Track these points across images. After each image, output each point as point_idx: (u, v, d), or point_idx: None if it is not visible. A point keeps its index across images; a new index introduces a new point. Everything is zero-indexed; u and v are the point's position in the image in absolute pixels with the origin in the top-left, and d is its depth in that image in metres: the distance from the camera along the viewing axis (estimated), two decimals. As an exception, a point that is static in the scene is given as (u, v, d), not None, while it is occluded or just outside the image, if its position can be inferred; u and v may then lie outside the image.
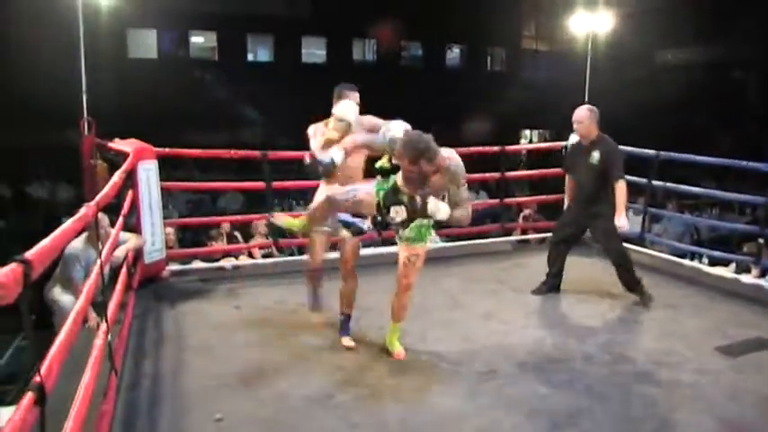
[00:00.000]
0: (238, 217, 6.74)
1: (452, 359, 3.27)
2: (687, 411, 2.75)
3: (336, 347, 3.42)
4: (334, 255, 3.78)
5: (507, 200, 6.05)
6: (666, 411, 2.74)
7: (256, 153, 5.00)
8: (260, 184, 5.02)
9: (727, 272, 4.87)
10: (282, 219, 3.48)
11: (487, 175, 6.11)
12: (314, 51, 20.08)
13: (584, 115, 4.13)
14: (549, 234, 5.90)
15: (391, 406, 2.79)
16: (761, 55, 18.02)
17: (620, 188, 3.98)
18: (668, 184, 5.37)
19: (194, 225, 7.51)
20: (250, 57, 19.52)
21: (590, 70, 6.12)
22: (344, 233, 3.47)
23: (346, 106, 3.33)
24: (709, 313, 4.00)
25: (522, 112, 18.20)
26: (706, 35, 18.39)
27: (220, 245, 5.90)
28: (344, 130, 3.28)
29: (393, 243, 3.50)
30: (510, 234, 5.99)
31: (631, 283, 4.15)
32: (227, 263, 5.06)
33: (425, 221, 3.08)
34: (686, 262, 5.23)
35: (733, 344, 3.50)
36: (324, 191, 3.39)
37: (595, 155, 4.08)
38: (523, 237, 6.08)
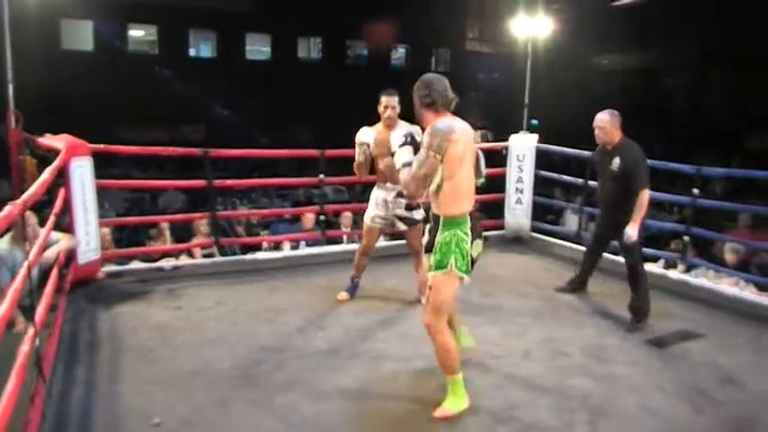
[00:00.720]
0: (179, 216, 6.57)
1: (397, 356, 3.30)
2: (618, 402, 2.88)
3: (280, 348, 3.38)
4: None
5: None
6: (600, 402, 2.86)
7: (197, 151, 4.89)
8: (201, 183, 4.91)
9: (656, 267, 5.09)
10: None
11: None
12: (258, 48, 19.81)
13: (605, 120, 3.96)
14: (492, 232, 6.05)
15: (336, 406, 2.79)
16: (689, 61, 19.02)
17: (640, 197, 3.76)
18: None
19: (132, 224, 7.27)
20: (192, 52, 19.07)
21: (530, 73, 6.28)
22: (401, 225, 3.95)
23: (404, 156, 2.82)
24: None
25: (465, 112, 18.51)
26: (639, 42, 19.23)
27: (160, 245, 5.73)
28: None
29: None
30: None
31: (635, 302, 3.89)
32: (167, 263, 4.92)
33: (447, 235, 2.62)
34: (620, 259, 5.44)
35: (661, 336, 3.68)
36: (375, 188, 3.98)
37: (616, 161, 3.89)
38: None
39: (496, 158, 6.25)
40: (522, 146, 5.76)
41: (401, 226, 3.94)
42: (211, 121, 17.67)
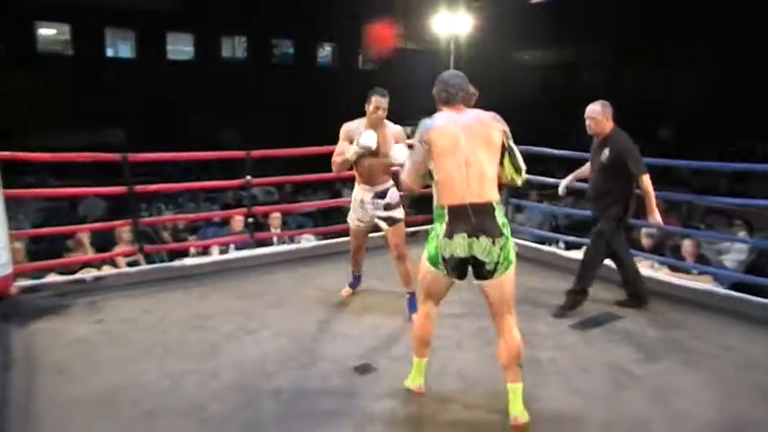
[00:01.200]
0: (99, 224, 6.26)
1: (330, 356, 3.28)
2: (546, 386, 2.98)
3: (210, 356, 3.29)
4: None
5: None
6: (529, 387, 2.93)
7: (115, 156, 4.67)
8: (121, 189, 4.70)
9: (580, 254, 5.30)
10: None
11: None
12: (181, 48, 19.19)
13: (596, 110, 3.89)
14: (423, 227, 6.12)
15: (269, 410, 2.74)
16: (604, 58, 19.96)
17: (646, 182, 3.73)
18: (529, 177, 5.73)
19: (49, 235, 6.86)
20: (110, 52, 18.23)
21: (454, 69, 6.39)
22: (383, 225, 3.85)
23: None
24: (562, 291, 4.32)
25: (393, 108, 18.66)
26: (558, 39, 19.99)
27: (80, 255, 5.44)
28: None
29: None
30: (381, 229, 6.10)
31: (576, 286, 3.97)
32: (88, 274, 4.68)
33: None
34: (545, 248, 5.65)
35: (585, 319, 3.85)
36: (356, 188, 3.90)
37: (606, 152, 3.83)
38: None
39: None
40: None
41: (384, 226, 3.85)
42: (133, 125, 16.98)
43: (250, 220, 5.23)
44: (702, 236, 6.32)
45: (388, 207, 3.83)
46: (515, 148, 2.71)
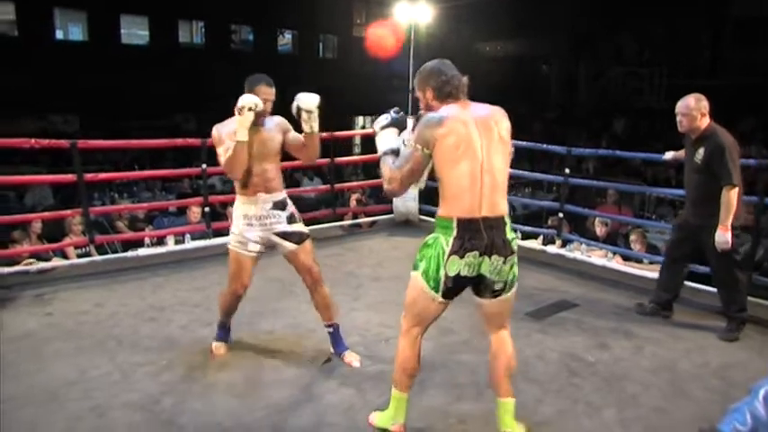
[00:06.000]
0: (47, 214, 6.04)
1: (284, 347, 3.26)
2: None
3: (163, 348, 3.21)
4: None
5: (338, 185, 6.15)
6: (486, 376, 2.97)
7: (64, 142, 4.50)
8: (71, 177, 4.54)
9: (536, 244, 5.40)
10: None
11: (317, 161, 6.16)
12: (135, 32, 18.57)
13: (689, 105, 3.44)
14: (381, 217, 6.13)
15: (223, 403, 2.70)
16: (560, 50, 20.31)
17: (726, 195, 3.29)
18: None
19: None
20: (59, 34, 17.50)
21: (414, 59, 6.38)
22: (287, 245, 3.04)
23: (388, 140, 2.49)
24: (521, 282, 4.36)
25: (353, 98, 18.56)
26: (518, 30, 20.20)
27: (27, 246, 5.23)
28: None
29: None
30: (342, 219, 6.08)
31: (730, 309, 3.59)
32: (33, 266, 4.50)
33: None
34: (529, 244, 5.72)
35: (541, 308, 3.92)
36: (239, 205, 3.03)
37: (701, 151, 3.42)
38: (355, 221, 6.20)
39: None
40: (408, 131, 5.85)
41: (287, 245, 3.03)
42: (85, 111, 16.38)
43: (207, 209, 5.12)
44: (651, 225, 6.52)
45: (291, 219, 3.07)
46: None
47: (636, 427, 2.62)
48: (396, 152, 2.31)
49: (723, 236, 3.33)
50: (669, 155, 4.07)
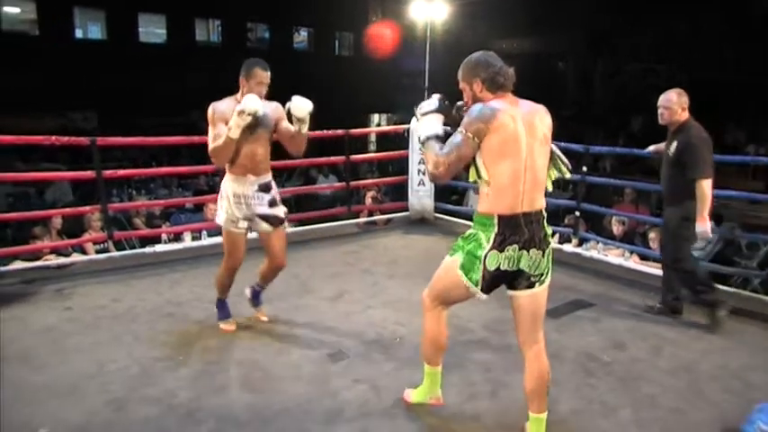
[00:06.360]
0: (67, 210, 6.12)
1: (301, 344, 3.27)
2: (518, 373, 2.99)
3: (180, 344, 3.25)
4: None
5: (353, 183, 6.16)
6: (500, 375, 2.98)
7: (84, 140, 4.56)
8: (90, 174, 4.60)
9: (552, 242, 5.36)
10: None
11: (332, 158, 6.20)
12: (153, 30, 18.74)
13: (671, 99, 3.54)
14: (396, 214, 6.14)
15: (240, 398, 2.72)
16: (577, 47, 20.14)
17: (700, 188, 3.37)
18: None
19: (15, 221, 6.69)
20: (79, 33, 17.72)
21: (430, 56, 6.38)
22: (265, 226, 3.24)
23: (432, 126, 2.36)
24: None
25: (369, 95, 18.57)
26: (534, 27, 20.07)
27: (47, 242, 5.31)
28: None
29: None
30: (357, 216, 6.09)
31: (666, 297, 3.80)
32: (54, 261, 4.57)
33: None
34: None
35: (557, 306, 3.89)
36: (229, 183, 3.18)
37: (674, 144, 3.53)
38: (370, 218, 6.20)
39: (399, 141, 6.33)
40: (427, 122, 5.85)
41: (265, 227, 3.23)
42: (103, 108, 16.58)
43: (223, 206, 5.14)
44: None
45: (273, 203, 3.24)
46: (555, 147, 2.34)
47: (653, 427, 2.60)
48: (440, 138, 2.27)
49: (702, 227, 3.40)
50: (652, 148, 4.14)
